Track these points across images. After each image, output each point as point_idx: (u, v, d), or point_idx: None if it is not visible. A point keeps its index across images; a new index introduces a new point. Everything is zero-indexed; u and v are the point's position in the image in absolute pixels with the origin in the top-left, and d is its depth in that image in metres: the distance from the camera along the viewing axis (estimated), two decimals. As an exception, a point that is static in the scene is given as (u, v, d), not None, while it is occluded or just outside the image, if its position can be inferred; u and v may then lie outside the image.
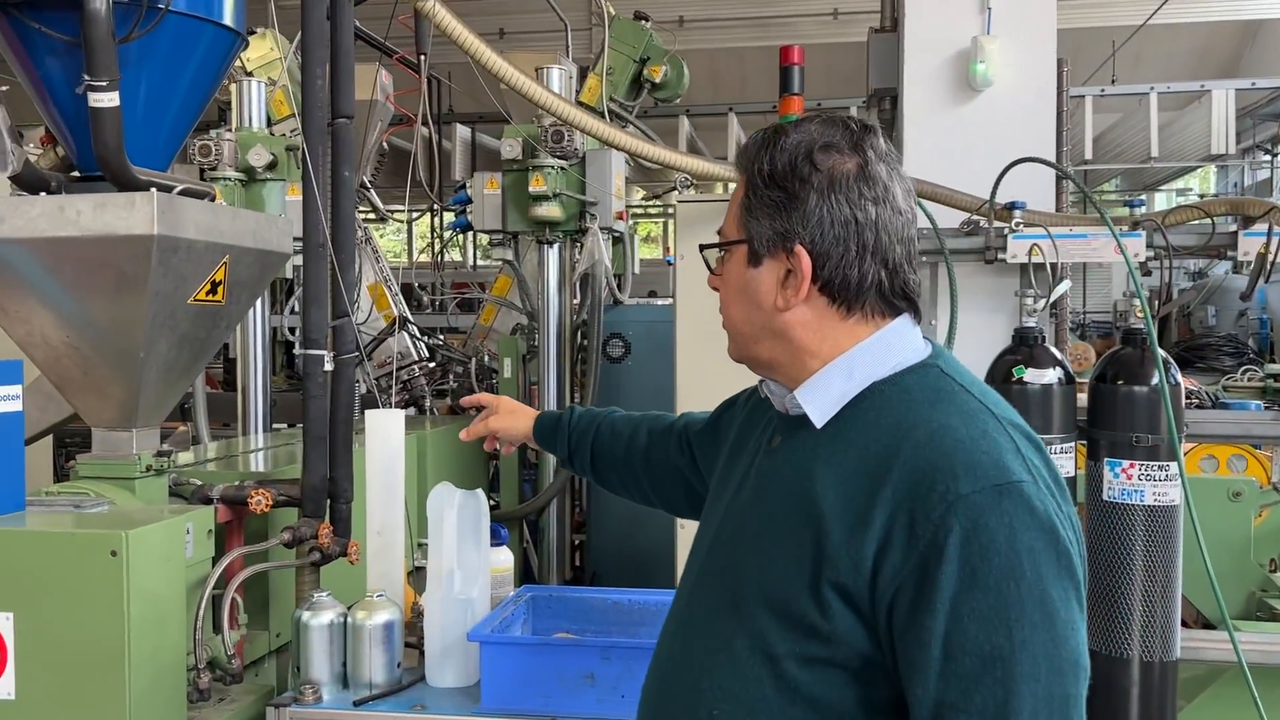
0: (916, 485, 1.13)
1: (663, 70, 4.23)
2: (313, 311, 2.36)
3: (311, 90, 2.37)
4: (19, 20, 2.26)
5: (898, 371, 1.26)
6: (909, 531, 1.12)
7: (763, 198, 1.27)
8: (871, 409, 1.23)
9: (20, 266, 2.26)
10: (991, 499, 1.11)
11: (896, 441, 1.17)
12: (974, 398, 1.23)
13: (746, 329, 1.33)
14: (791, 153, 1.26)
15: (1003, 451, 1.15)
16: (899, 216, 1.26)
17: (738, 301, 1.33)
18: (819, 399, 1.27)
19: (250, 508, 2.31)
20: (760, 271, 1.29)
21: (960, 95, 3.62)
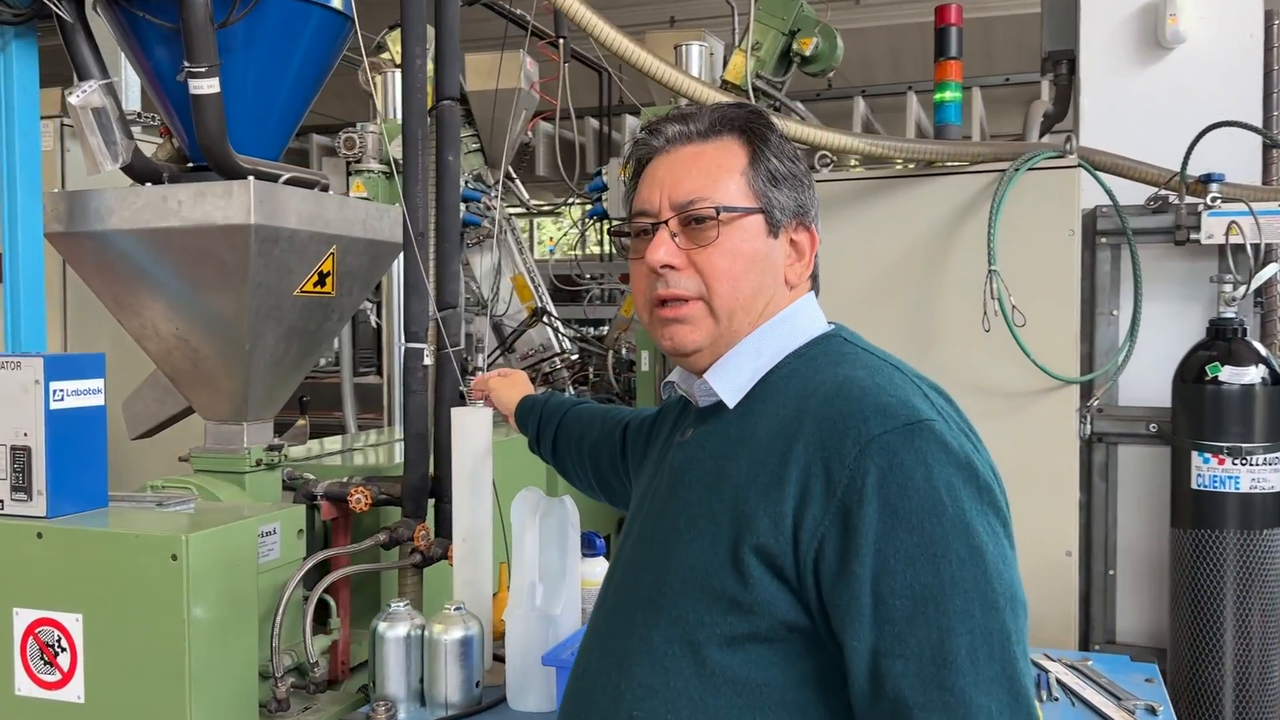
0: (828, 434, 1.12)
1: (813, 42, 3.94)
2: (413, 302, 2.25)
3: (411, 70, 2.25)
4: (127, 10, 2.24)
5: (803, 345, 1.27)
6: (825, 480, 1.10)
7: (786, 167, 1.29)
8: (780, 381, 1.24)
9: (129, 258, 2.24)
10: (904, 437, 1.09)
11: (804, 400, 1.17)
12: (876, 356, 1.24)
13: (750, 301, 1.28)
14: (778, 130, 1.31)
15: (909, 394, 1.14)
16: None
17: (751, 273, 1.28)
18: (730, 380, 1.27)
19: (350, 506, 2.22)
20: (779, 242, 1.29)
21: (1147, 55, 3.20)
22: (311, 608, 1.92)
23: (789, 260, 1.29)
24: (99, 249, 2.25)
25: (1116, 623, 3.19)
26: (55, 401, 1.75)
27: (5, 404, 1.75)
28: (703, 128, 1.30)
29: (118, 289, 2.32)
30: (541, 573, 1.86)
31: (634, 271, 1.32)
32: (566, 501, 1.92)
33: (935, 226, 2.97)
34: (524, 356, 4.37)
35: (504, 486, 2.19)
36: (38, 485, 1.74)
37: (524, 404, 2.05)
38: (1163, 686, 2.14)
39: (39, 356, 1.75)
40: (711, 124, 1.30)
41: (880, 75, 9.29)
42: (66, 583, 1.70)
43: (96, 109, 2.22)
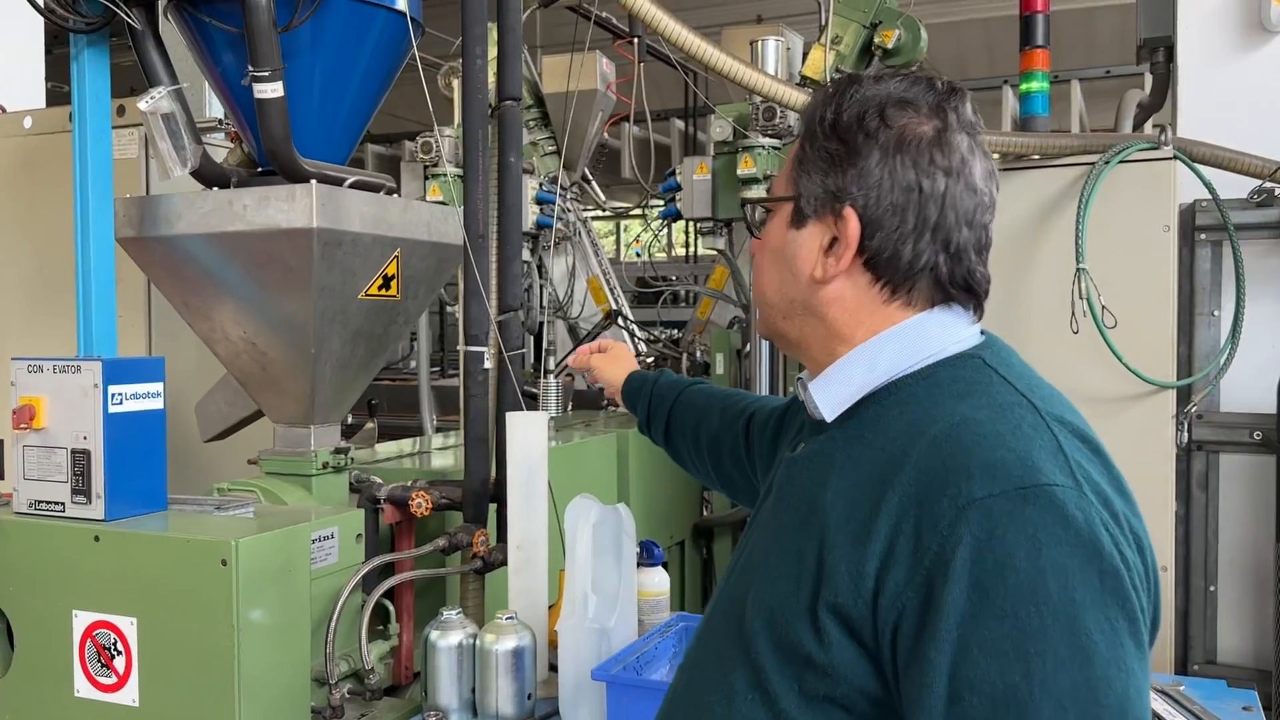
0: (926, 488, 0.96)
1: (895, 34, 3.82)
2: (473, 305, 2.22)
3: (471, 71, 2.23)
4: (194, 15, 2.26)
5: (931, 364, 1.09)
6: (914, 543, 0.95)
7: (819, 150, 1.12)
8: (895, 405, 1.07)
9: (197, 261, 2.27)
10: (1012, 504, 0.92)
11: (912, 439, 1.01)
12: (1015, 389, 1.04)
13: (778, 300, 1.17)
14: (862, 105, 1.10)
15: (1034, 448, 0.96)
16: (973, 196, 1.10)
17: (772, 266, 1.17)
18: (834, 392, 1.12)
19: (411, 510, 2.20)
20: (802, 235, 1.14)
21: (1249, 39, 3.02)
22: (367, 613, 1.90)
23: (822, 253, 1.12)
24: (168, 253, 2.28)
25: (1218, 643, 3.01)
26: (114, 405, 1.76)
27: (66, 407, 1.77)
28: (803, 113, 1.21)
29: (187, 293, 2.34)
30: (595, 583, 1.81)
31: None
32: (621, 509, 1.87)
33: (1022, 223, 2.85)
34: (600, 359, 4.34)
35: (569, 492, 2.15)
36: (96, 488, 1.75)
37: (631, 382, 1.91)
38: (1261, 715, 1.99)
39: (98, 360, 1.76)
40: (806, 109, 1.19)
41: (975, 69, 9.06)
42: (121, 586, 1.72)
43: (166, 114, 2.25)
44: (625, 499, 3.28)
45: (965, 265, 1.10)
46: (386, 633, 2.11)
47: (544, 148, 4.35)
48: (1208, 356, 2.96)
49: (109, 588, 1.73)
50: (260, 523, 1.82)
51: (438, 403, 4.68)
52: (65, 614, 1.77)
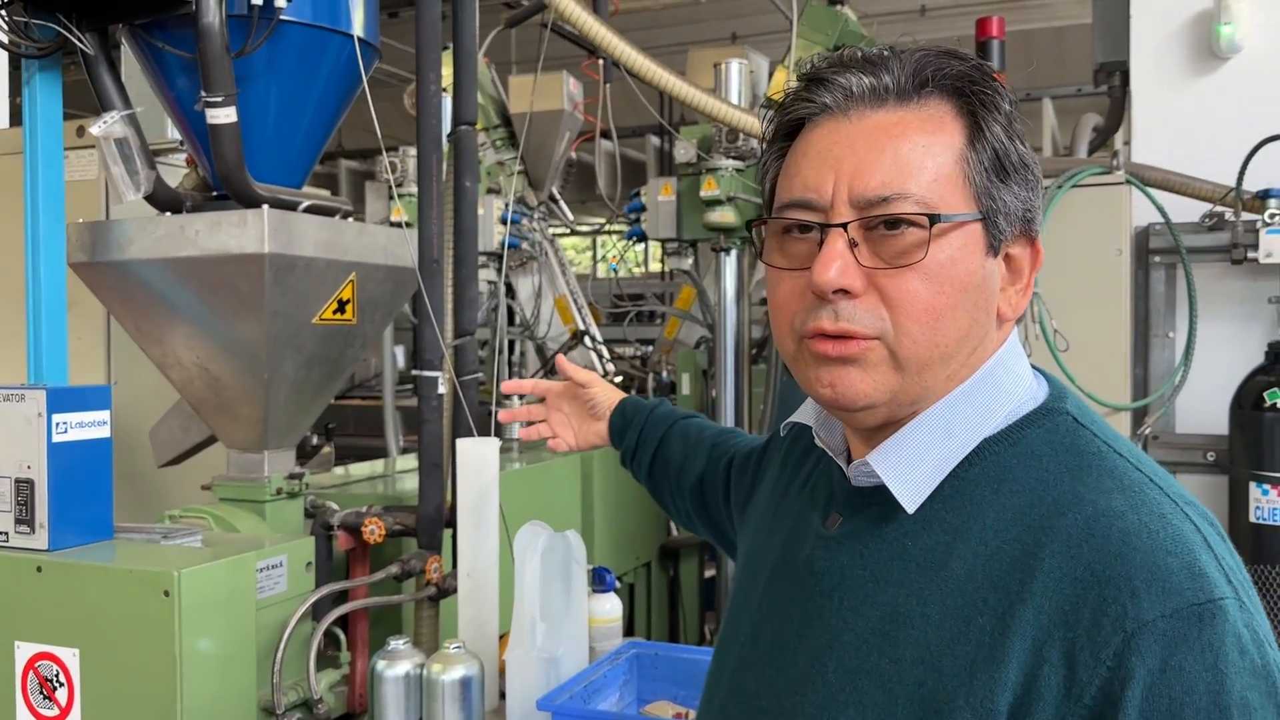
0: (1077, 604, 0.77)
1: (858, 59, 3.85)
2: (426, 331, 2.22)
3: (425, 96, 2.23)
4: (147, 40, 2.26)
5: (1014, 424, 0.89)
6: (1067, 674, 0.76)
7: (1019, 155, 0.90)
8: (985, 481, 0.86)
9: (150, 286, 2.26)
10: (1189, 628, 0.75)
11: (1035, 536, 0.81)
12: (1128, 462, 0.85)
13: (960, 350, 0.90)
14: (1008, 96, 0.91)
15: (1194, 549, 0.78)
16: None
17: (960, 309, 0.88)
18: (911, 470, 0.89)
19: (364, 537, 2.19)
20: (995, 265, 0.90)
21: (1201, 65, 3.07)
22: (315, 642, 1.89)
23: (1004, 284, 0.92)
24: (120, 278, 2.27)
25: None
26: (59, 434, 1.75)
27: (9, 436, 1.76)
28: (903, 82, 0.90)
29: (140, 318, 2.33)
30: (544, 611, 1.80)
31: (779, 285, 0.94)
32: (571, 536, 1.87)
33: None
34: (567, 379, 4.34)
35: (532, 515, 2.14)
36: (40, 518, 1.74)
37: (621, 411, 1.62)
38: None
39: (42, 389, 1.75)
40: (916, 77, 0.90)
41: (942, 89, 9.14)
42: (64, 617, 1.70)
43: (119, 139, 2.25)
44: (590, 521, 3.28)
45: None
46: (338, 661, 2.09)
47: (512, 167, 4.36)
48: (1163, 377, 3.00)
49: (51, 619, 1.72)
50: (206, 552, 1.80)
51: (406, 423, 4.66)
52: (7, 645, 1.75)
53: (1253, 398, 2.67)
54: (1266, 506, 2.61)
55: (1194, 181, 2.88)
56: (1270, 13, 2.97)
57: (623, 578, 3.52)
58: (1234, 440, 2.76)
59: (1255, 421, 2.67)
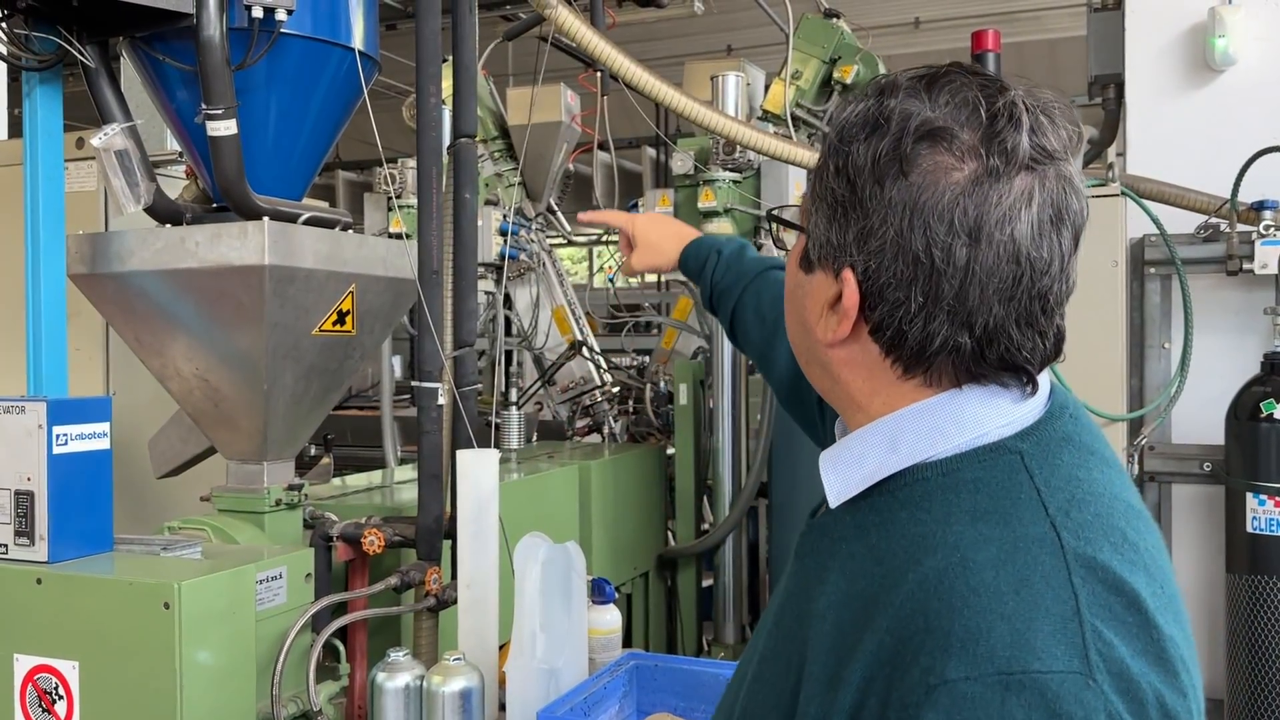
0: (900, 647, 0.78)
1: (854, 70, 3.88)
2: (426, 342, 2.23)
3: (425, 109, 2.25)
4: (148, 53, 2.27)
5: (957, 454, 0.87)
6: (880, 713, 0.77)
7: (826, 191, 0.90)
8: (906, 504, 0.87)
9: (149, 298, 2.27)
10: (989, 693, 0.73)
11: (902, 570, 0.82)
12: (1045, 512, 0.82)
13: (796, 343, 1.01)
14: (880, 140, 0.86)
15: (1038, 615, 0.76)
16: (1014, 265, 0.84)
17: (789, 304, 1.00)
18: (844, 472, 0.93)
19: (363, 548, 2.19)
20: (811, 281, 0.95)
21: (1196, 78, 3.09)
22: (315, 654, 1.89)
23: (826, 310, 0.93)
24: (120, 290, 2.28)
25: (1172, 671, 3.03)
26: (59, 446, 1.76)
27: (9, 448, 1.76)
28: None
29: (139, 329, 2.34)
30: (544, 623, 1.81)
31: None
32: (571, 548, 1.87)
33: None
34: (564, 389, 4.35)
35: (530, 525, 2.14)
36: (40, 530, 1.74)
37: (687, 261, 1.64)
38: (1209, 747, 2.01)
39: (42, 401, 1.75)
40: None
41: (940, 99, 9.18)
42: (64, 629, 1.70)
43: (119, 151, 2.26)
44: (588, 530, 3.28)
45: (1002, 345, 0.86)
46: (337, 672, 2.09)
47: (509, 179, 4.37)
48: (1159, 388, 3.01)
49: (51, 631, 1.72)
50: (205, 564, 1.81)
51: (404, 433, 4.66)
52: (6, 657, 1.75)
53: (1249, 408, 2.69)
54: (1263, 516, 2.62)
55: (1189, 193, 2.90)
56: (1264, 26, 2.99)
57: (620, 588, 3.52)
58: (1230, 451, 2.78)
59: (1251, 432, 2.68)
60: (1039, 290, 0.86)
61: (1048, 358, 0.90)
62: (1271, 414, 2.63)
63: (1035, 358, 0.89)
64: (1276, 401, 2.63)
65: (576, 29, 2.49)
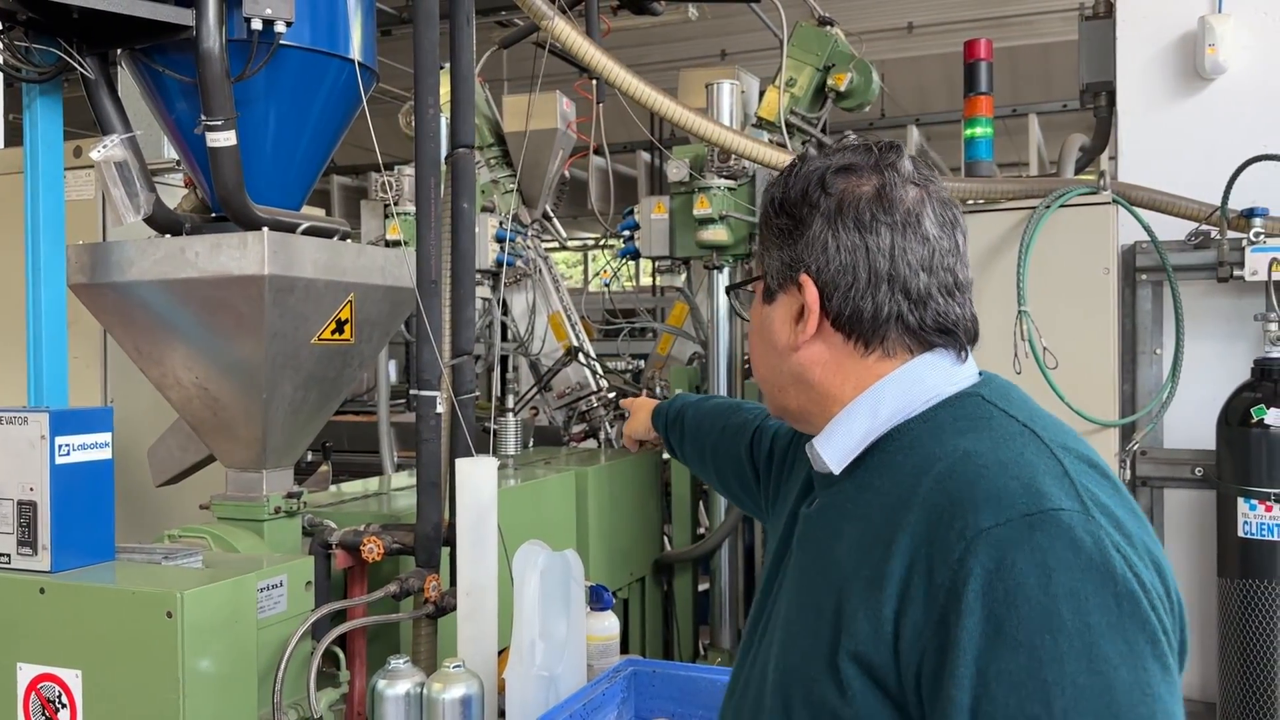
0: (934, 525, 0.97)
1: (848, 77, 3.90)
2: (425, 350, 2.24)
3: (423, 119, 2.26)
4: (147, 64, 2.29)
5: (931, 407, 1.11)
6: (928, 581, 0.95)
7: (772, 227, 1.18)
8: (899, 450, 1.09)
9: (149, 307, 2.28)
10: (1019, 531, 0.92)
11: (918, 479, 1.03)
12: (1016, 421, 1.06)
13: (770, 375, 1.22)
14: (806, 179, 1.17)
15: (1038, 474, 0.97)
16: (924, 245, 1.12)
17: (758, 345, 1.23)
18: (838, 442, 1.14)
19: (363, 556, 2.21)
20: (774, 309, 1.19)
21: (1186, 86, 3.12)
22: (315, 661, 1.91)
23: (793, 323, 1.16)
24: (120, 299, 2.29)
25: (1165, 675, 3.05)
26: (61, 456, 1.77)
27: (12, 459, 1.77)
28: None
29: (139, 338, 2.35)
30: (543, 630, 1.82)
31: None
32: (570, 555, 1.89)
33: (966, 265, 2.91)
34: (560, 395, 4.36)
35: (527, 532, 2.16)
36: (43, 540, 1.75)
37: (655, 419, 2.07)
38: (1202, 750, 2.04)
39: (45, 411, 1.77)
40: None
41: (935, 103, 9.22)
42: (67, 639, 1.71)
43: (119, 163, 2.27)
44: (584, 536, 3.30)
45: (934, 309, 1.12)
46: (337, 680, 2.11)
47: (505, 185, 4.39)
48: (1151, 394, 3.03)
49: (54, 640, 1.73)
50: (207, 573, 1.82)
51: (400, 439, 4.67)
52: (9, 667, 1.76)
53: (1239, 414, 2.71)
54: (1254, 521, 2.64)
55: (1180, 201, 2.92)
56: (1253, 35, 3.02)
57: (617, 593, 3.53)
58: (1221, 456, 2.80)
59: (1242, 437, 2.71)
60: (948, 265, 1.13)
61: (969, 330, 1.15)
62: (1262, 419, 2.66)
63: (965, 324, 1.14)
64: (1267, 407, 2.65)
65: (571, 38, 2.51)
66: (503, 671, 1.88)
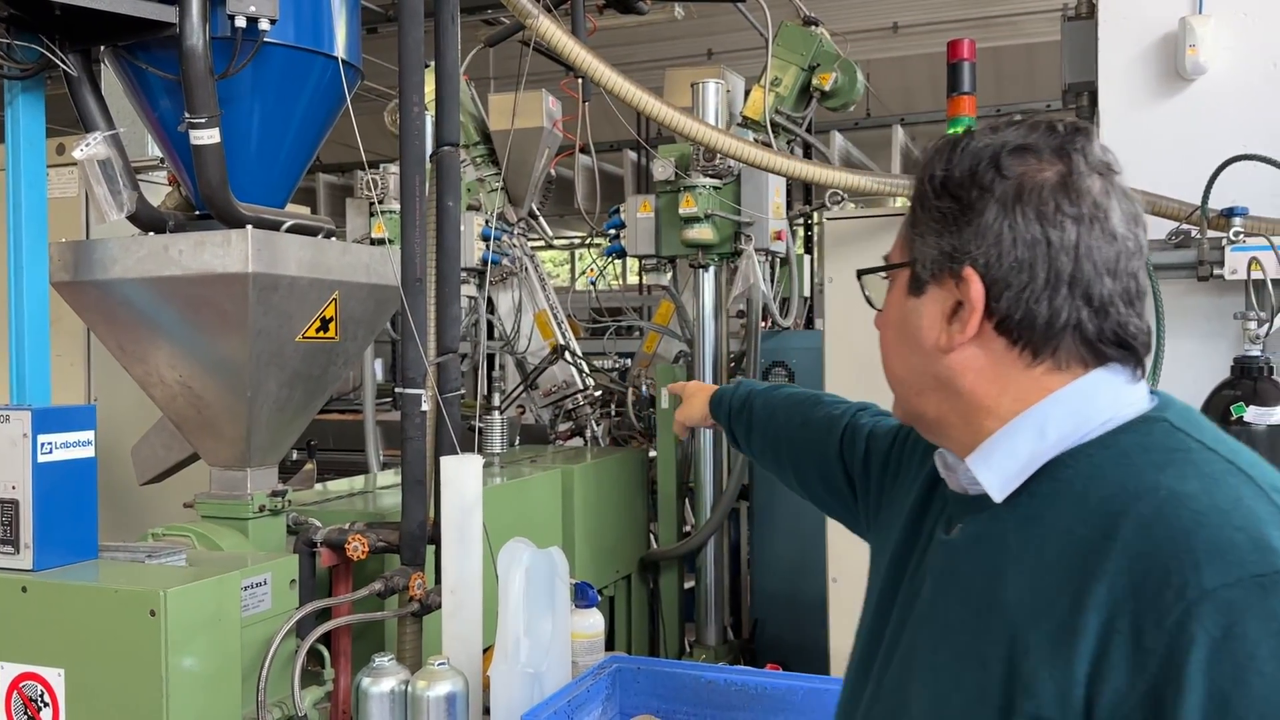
0: (1143, 579, 0.84)
1: (833, 77, 3.92)
2: (410, 348, 2.24)
3: (408, 118, 2.26)
4: (131, 62, 2.28)
5: (1109, 431, 0.96)
6: (1133, 645, 0.83)
7: (931, 210, 1.02)
8: (1076, 479, 0.94)
9: (132, 306, 2.27)
10: (1250, 596, 0.80)
11: (1112, 520, 0.89)
12: (1219, 456, 0.92)
13: (907, 376, 1.08)
14: (975, 156, 1.00)
15: (1264, 525, 0.84)
16: (1112, 243, 0.97)
17: (897, 341, 1.08)
18: (999, 465, 0.99)
19: (347, 554, 2.21)
20: (922, 302, 1.04)
21: (1167, 86, 3.13)
22: (300, 659, 1.91)
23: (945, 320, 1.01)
24: (103, 298, 2.28)
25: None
26: (44, 454, 1.76)
27: (-6, 457, 1.77)
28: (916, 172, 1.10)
29: (122, 337, 2.35)
30: (528, 627, 1.83)
31: None
32: (555, 553, 1.90)
33: (949, 264, 2.92)
34: (547, 393, 4.37)
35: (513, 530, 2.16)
36: (25, 538, 1.75)
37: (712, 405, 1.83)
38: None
39: (27, 409, 1.76)
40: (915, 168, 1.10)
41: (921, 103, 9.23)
42: (49, 637, 1.71)
43: (102, 160, 2.26)
44: (570, 534, 3.30)
45: (1115, 319, 0.97)
46: (321, 678, 2.11)
47: (491, 184, 4.39)
48: (1132, 392, 3.04)
49: (36, 639, 1.73)
50: (191, 571, 1.82)
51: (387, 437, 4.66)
52: (-9, 665, 1.76)
53: (1219, 411, 2.72)
54: (1233, 518, 2.67)
55: (1160, 200, 2.94)
56: (1234, 36, 3.03)
57: (603, 590, 3.54)
58: (1202, 453, 2.82)
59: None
60: (1132, 270, 0.98)
61: (1145, 344, 1.00)
62: (1241, 417, 2.67)
63: (1142, 338, 1.00)
64: (1246, 405, 2.67)
65: (557, 38, 2.51)
66: (488, 669, 1.88)
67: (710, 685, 1.84)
